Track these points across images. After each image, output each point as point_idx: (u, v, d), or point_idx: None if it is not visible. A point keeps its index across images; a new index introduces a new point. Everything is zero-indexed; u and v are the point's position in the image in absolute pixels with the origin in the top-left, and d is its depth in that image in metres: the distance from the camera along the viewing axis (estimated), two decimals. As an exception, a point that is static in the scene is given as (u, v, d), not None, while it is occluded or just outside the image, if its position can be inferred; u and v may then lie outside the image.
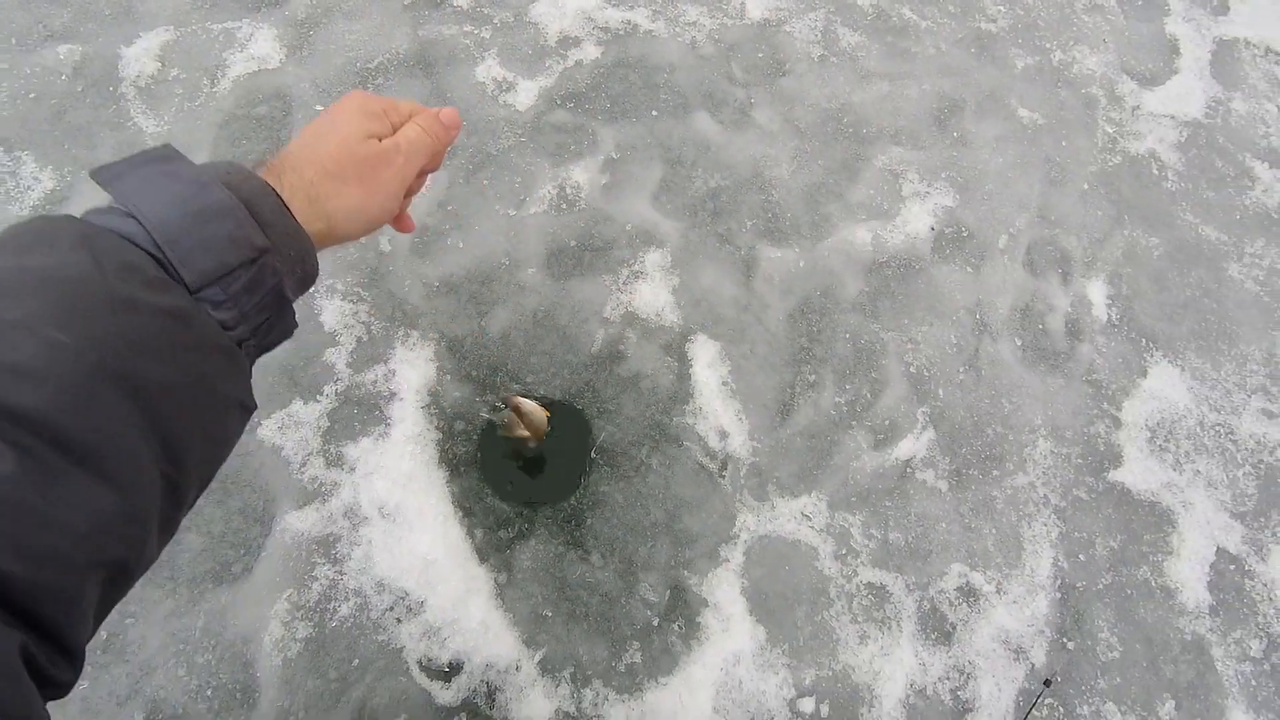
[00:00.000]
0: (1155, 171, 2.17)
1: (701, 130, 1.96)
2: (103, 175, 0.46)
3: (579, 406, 1.63)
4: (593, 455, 1.59)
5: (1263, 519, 1.74)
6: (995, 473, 1.70)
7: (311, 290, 1.60)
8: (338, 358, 1.58)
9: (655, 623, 1.46)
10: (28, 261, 0.41)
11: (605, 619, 1.45)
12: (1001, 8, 2.34)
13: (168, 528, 0.46)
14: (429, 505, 1.47)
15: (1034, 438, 1.75)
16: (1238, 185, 2.19)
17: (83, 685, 1.29)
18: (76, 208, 1.61)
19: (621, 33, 2.05)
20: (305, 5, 1.93)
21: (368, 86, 1.87)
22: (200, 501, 1.42)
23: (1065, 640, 1.57)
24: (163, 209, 0.45)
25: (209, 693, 1.31)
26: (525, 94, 1.92)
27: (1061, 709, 1.51)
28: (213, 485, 1.44)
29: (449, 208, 1.76)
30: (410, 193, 0.65)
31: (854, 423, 1.70)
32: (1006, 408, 1.77)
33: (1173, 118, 2.27)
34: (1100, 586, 1.64)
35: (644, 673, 1.42)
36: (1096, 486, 1.73)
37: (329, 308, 1.62)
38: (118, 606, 1.21)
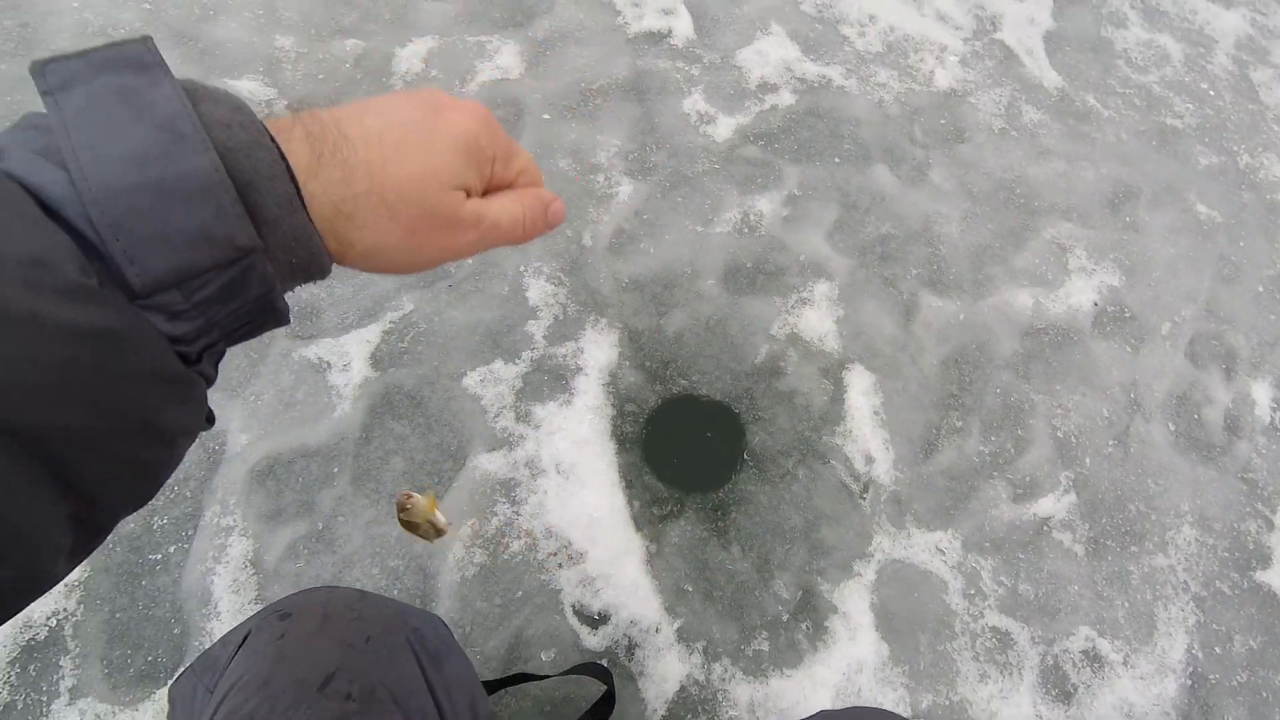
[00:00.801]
0: (1337, 285, 2.14)
1: (878, 181, 2.10)
2: (46, 74, 0.31)
3: (736, 410, 1.77)
4: (744, 457, 1.72)
5: None
6: (1134, 549, 1.71)
7: (520, 267, 1.82)
8: (536, 330, 1.79)
9: (785, 618, 1.56)
10: None
11: (739, 605, 1.57)
12: (1189, 106, 2.38)
13: (79, 556, 0.35)
14: (599, 470, 1.64)
15: (1179, 523, 1.75)
16: None
17: (298, 563, 1.52)
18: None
19: (816, 85, 2.23)
20: (545, 28, 2.22)
21: (586, 104, 2.12)
22: (406, 429, 1.65)
23: (1191, 725, 1.56)
24: (113, 167, 0.30)
25: (395, 592, 1.51)
26: (723, 127, 2.12)
27: (1179, 792, 1.50)
28: (419, 420, 1.67)
29: (645, 216, 1.97)
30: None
31: (995, 473, 1.76)
32: (1153, 488, 1.79)
33: (1362, 235, 2.23)
34: (1235, 683, 1.62)
35: (769, 661, 1.52)
36: (1241, 583, 1.71)
37: (534, 286, 1.84)
38: (332, 502, 1.39)
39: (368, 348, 1.74)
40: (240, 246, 0.33)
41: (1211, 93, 2.43)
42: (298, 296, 1.78)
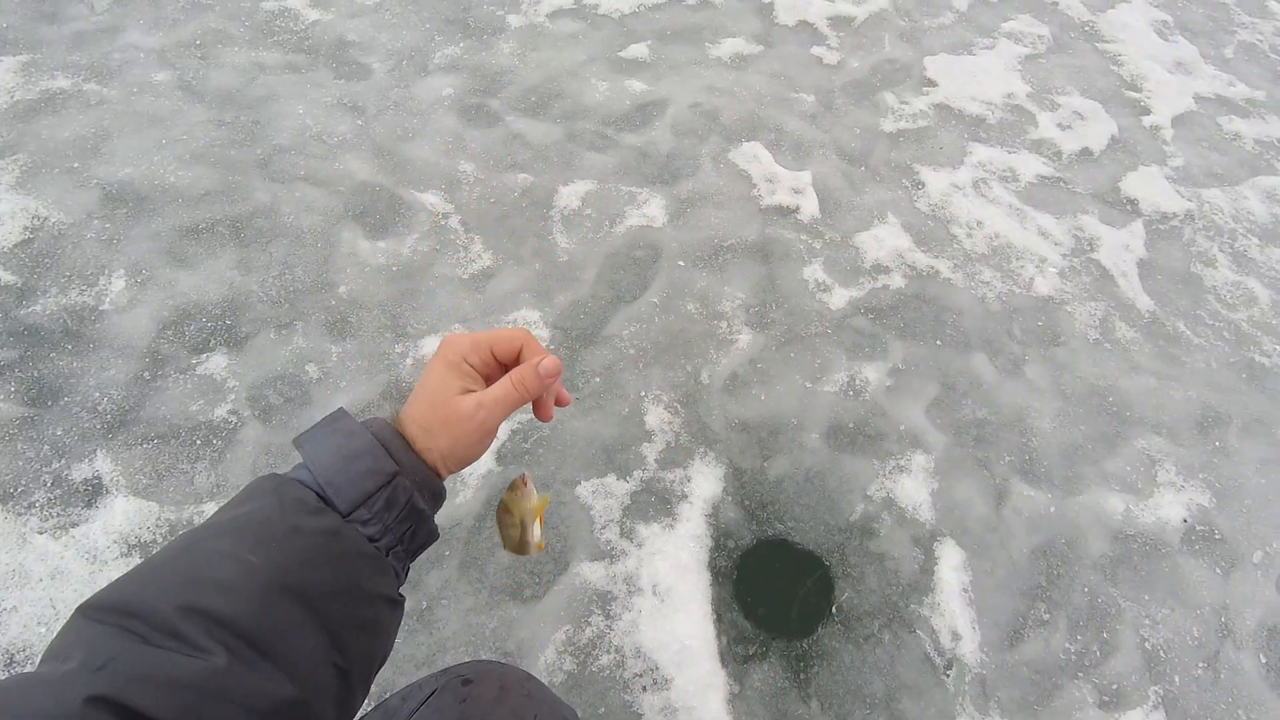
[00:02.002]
0: None
1: (977, 368, 2.25)
2: (299, 440, 0.63)
3: (827, 563, 1.83)
4: (832, 610, 1.76)
5: None
6: (1226, 782, 1.66)
7: (641, 392, 1.96)
8: (649, 452, 1.92)
9: (861, 787, 1.54)
10: (239, 510, 0.58)
11: (814, 764, 1.56)
12: (1277, 346, 2.51)
13: (345, 709, 0.58)
14: (694, 598, 1.70)
15: (1274, 762, 1.70)
16: None
17: (399, 640, 1.58)
18: (498, 287, 2.15)
19: (925, 273, 2.44)
20: (689, 189, 2.52)
21: (717, 258, 2.36)
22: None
23: None
24: (325, 457, 0.60)
25: (487, 683, 1.56)
26: (838, 297, 2.32)
27: None
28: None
29: (759, 365, 2.13)
30: (543, 407, 0.74)
31: (1080, 675, 1.75)
32: (1244, 719, 1.75)
33: None
34: None
35: (843, 830, 1.48)
36: (1342, 843, 1.62)
37: (652, 412, 1.99)
38: (438, 584, 1.55)
39: (495, 444, 1.89)
40: (388, 472, 0.61)
41: (1299, 337, 2.55)
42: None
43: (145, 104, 2.41)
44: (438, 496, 0.68)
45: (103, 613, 0.51)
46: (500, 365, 0.70)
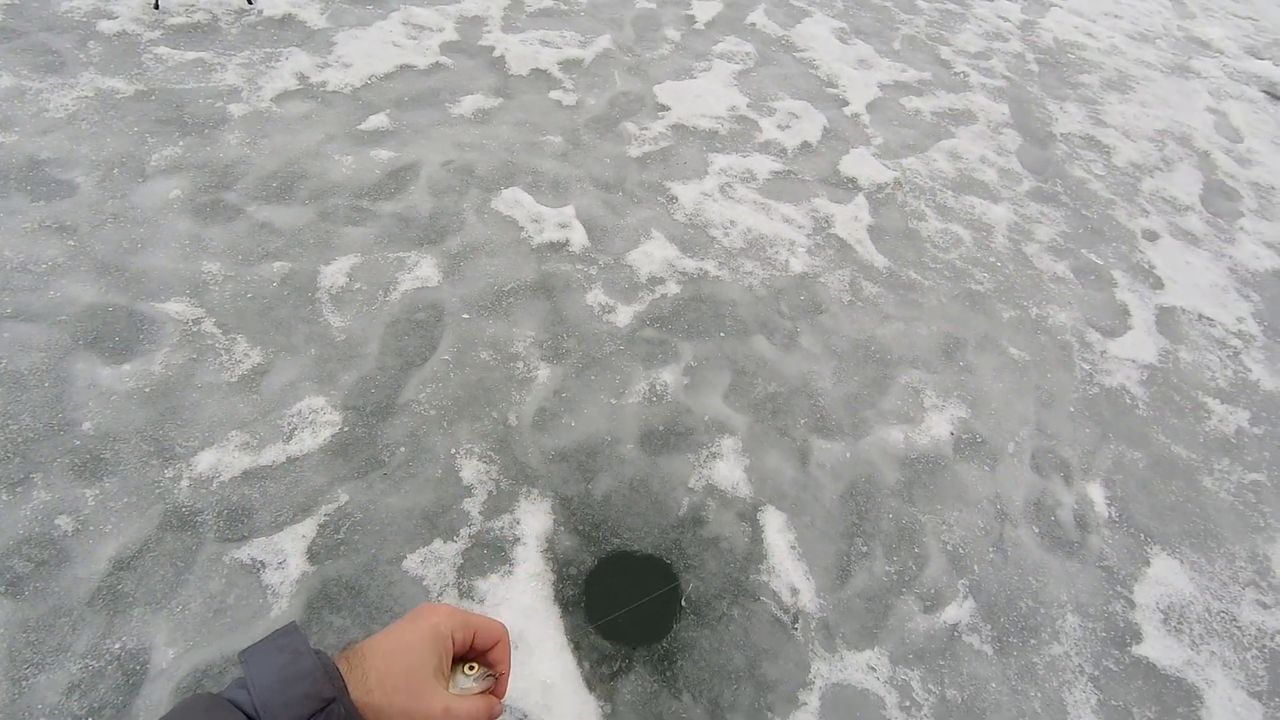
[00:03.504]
0: (1128, 401, 2.64)
1: (759, 349, 2.46)
2: (244, 654, 0.61)
3: (668, 561, 1.90)
4: (682, 604, 1.83)
5: (1278, 699, 1.92)
6: (1033, 641, 1.92)
7: (451, 450, 1.93)
8: (472, 506, 1.88)
9: (744, 760, 1.60)
10: None
11: (698, 755, 1.59)
12: (985, 275, 3.00)
13: None
14: (547, 635, 1.68)
15: (1062, 612, 1.99)
16: (1196, 415, 2.65)
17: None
18: (273, 382, 2.02)
19: (695, 276, 2.64)
20: (458, 244, 2.54)
21: (500, 304, 2.39)
22: (346, 620, 1.65)
23: (1121, 804, 1.67)
24: (265, 677, 0.58)
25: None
26: (623, 315, 2.44)
27: None
28: (360, 609, 1.68)
29: (563, 395, 2.18)
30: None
31: (904, 590, 1.95)
32: (1034, 585, 2.03)
33: (1134, 361, 2.80)
34: (1145, 757, 1.77)
35: (736, 808, 1.53)
36: (1123, 659, 1.93)
37: (467, 466, 1.96)
38: None
39: (303, 543, 1.76)
40: (325, 697, 0.59)
41: (998, 264, 3.07)
42: (229, 499, 1.80)
43: None
44: None
45: None
46: (471, 648, 0.70)
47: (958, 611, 1.93)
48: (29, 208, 2.33)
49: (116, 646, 1.55)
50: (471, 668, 0.67)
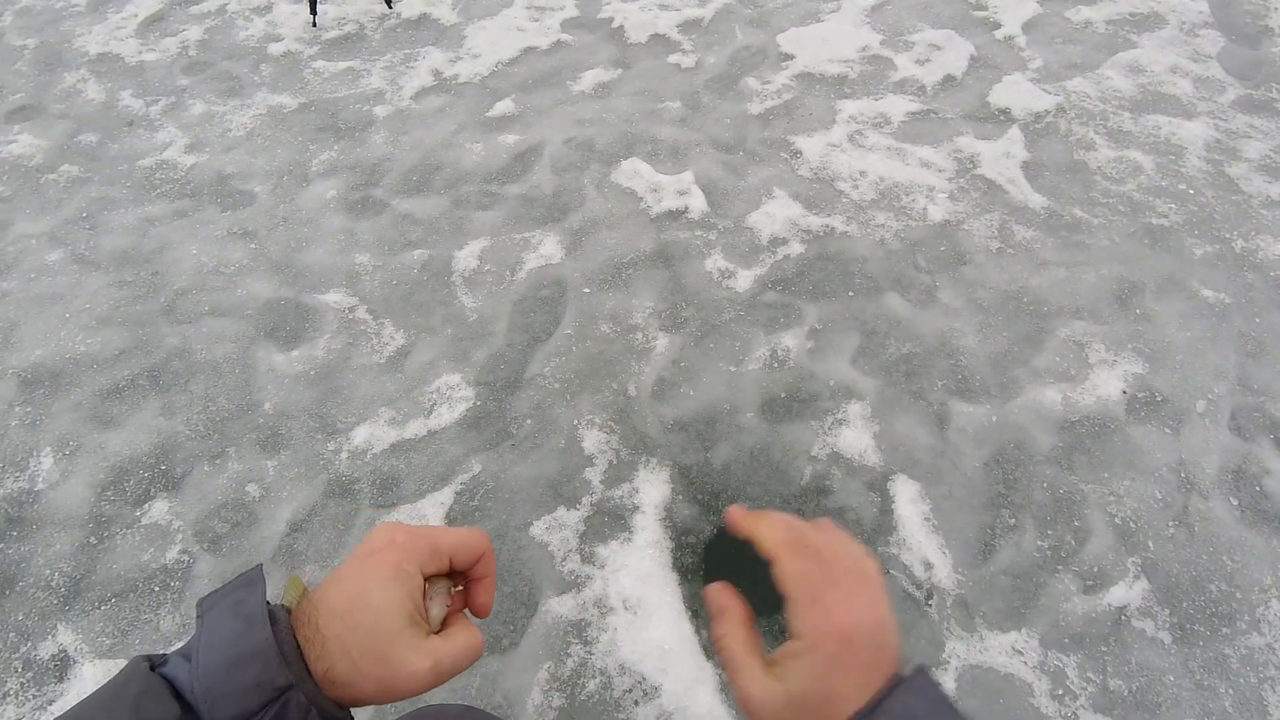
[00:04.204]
0: (1368, 347, 2.17)
1: (892, 308, 2.29)
2: (202, 605, 0.51)
3: (790, 532, 1.84)
4: (804, 575, 1.77)
5: None
6: (1225, 630, 1.66)
7: (574, 421, 1.98)
8: (593, 475, 1.94)
9: (869, 738, 1.53)
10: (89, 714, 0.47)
11: (820, 729, 1.55)
12: (1172, 206, 2.57)
13: None
14: (665, 602, 1.71)
15: (1266, 598, 1.70)
16: None
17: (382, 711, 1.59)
18: (415, 362, 2.19)
19: (821, 234, 2.51)
20: (580, 220, 2.59)
21: (620, 276, 2.41)
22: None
23: (1339, 824, 1.42)
24: (213, 652, 0.47)
25: (481, 742, 1.55)
26: (743, 280, 2.38)
27: None
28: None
29: (682, 364, 2.17)
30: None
31: (1059, 567, 1.76)
32: (1229, 566, 1.75)
33: (1379, 297, 2.29)
34: (1376, 772, 1.48)
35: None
36: (1351, 657, 1.62)
37: (588, 436, 2.02)
38: None
39: (443, 509, 1.91)
40: (279, 686, 0.47)
41: (1190, 191, 2.62)
42: (380, 469, 1.99)
43: (44, 286, 2.48)
44: (328, 711, 0.51)
45: None
46: (451, 572, 0.58)
47: (1127, 593, 1.71)
48: (219, 217, 2.69)
49: (294, 597, 1.78)
50: (431, 595, 0.55)
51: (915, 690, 0.48)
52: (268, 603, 0.51)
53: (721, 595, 0.59)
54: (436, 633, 0.55)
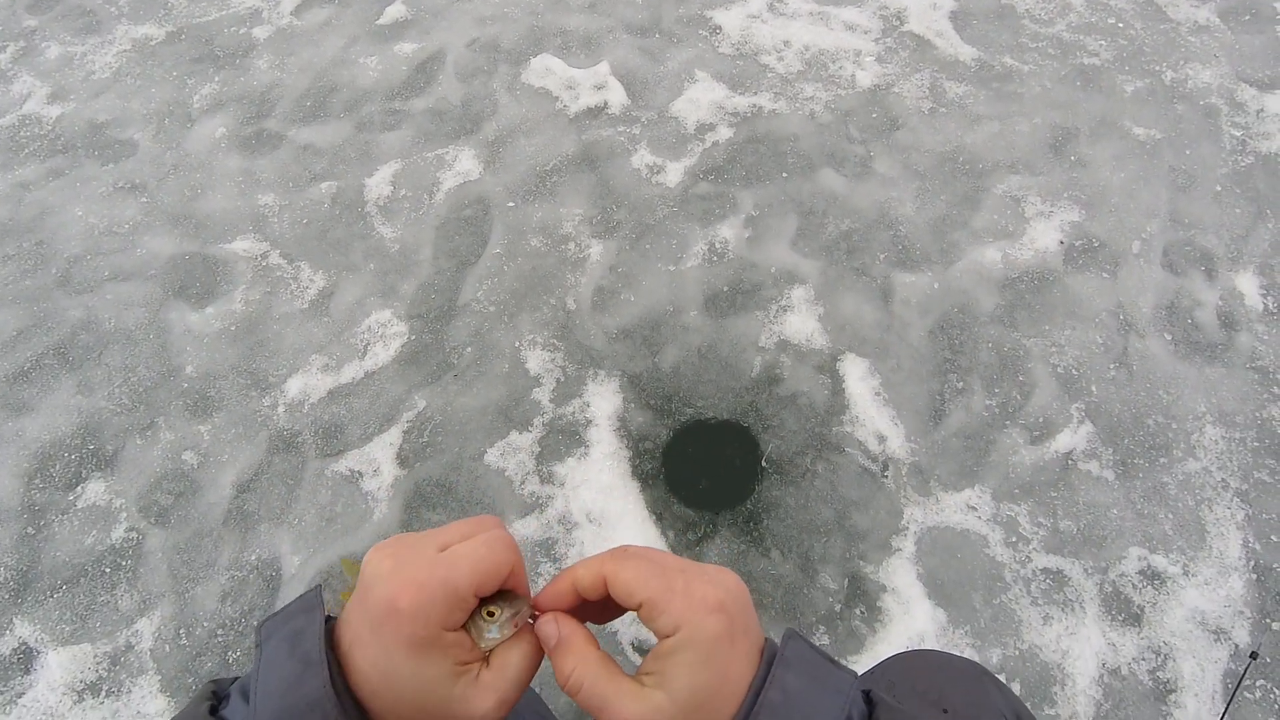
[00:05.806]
0: (1293, 167, 2.18)
1: (828, 184, 2.23)
2: (263, 631, 0.48)
3: (745, 424, 1.84)
4: (763, 465, 1.79)
5: None
6: (1163, 460, 1.73)
7: (515, 343, 1.93)
8: (542, 395, 1.90)
9: (838, 609, 1.59)
10: None
11: (790, 607, 1.60)
12: (1102, 43, 2.50)
13: None
14: (629, 510, 1.71)
15: (1200, 425, 1.77)
16: (1391, 169, 2.16)
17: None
18: (341, 302, 2.08)
19: (749, 114, 2.39)
20: (494, 129, 2.42)
21: (545, 185, 2.28)
22: (443, 516, 1.74)
23: (1269, 620, 1.53)
24: (270, 700, 0.44)
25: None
26: (673, 174, 2.27)
27: (1277, 690, 1.47)
28: (453, 504, 1.76)
29: (619, 270, 2.10)
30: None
31: (1007, 422, 1.80)
32: (1165, 399, 1.81)
33: (1304, 115, 2.29)
34: (1301, 569, 1.60)
35: (833, 653, 1.54)
36: (1279, 468, 1.71)
37: (532, 357, 1.96)
38: None
39: (392, 450, 1.86)
40: None
41: (1120, 25, 2.54)
42: (321, 418, 1.91)
43: (-81, 273, 2.26)
44: None
45: None
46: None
47: (1071, 439, 1.76)
48: (100, 173, 2.45)
49: (253, 558, 1.74)
50: (491, 613, 0.48)
51: (790, 664, 0.46)
52: (328, 631, 0.47)
53: (552, 625, 0.50)
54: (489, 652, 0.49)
